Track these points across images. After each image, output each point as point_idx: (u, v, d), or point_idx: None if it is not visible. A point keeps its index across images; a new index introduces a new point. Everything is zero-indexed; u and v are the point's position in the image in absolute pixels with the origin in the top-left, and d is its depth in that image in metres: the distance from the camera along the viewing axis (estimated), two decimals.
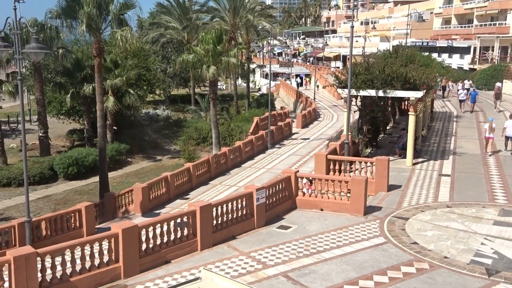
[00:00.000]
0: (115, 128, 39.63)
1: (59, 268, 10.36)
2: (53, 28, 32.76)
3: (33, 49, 14.42)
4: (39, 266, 10.00)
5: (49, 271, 10.26)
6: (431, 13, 69.05)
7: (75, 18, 24.99)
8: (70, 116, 43.44)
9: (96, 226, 19.16)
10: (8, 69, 36.66)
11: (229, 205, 13.81)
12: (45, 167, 32.40)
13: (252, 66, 72.12)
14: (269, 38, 49.01)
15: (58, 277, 10.32)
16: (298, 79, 69.23)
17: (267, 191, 14.80)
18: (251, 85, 69.39)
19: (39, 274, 10.02)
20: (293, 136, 35.17)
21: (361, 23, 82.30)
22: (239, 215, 13.98)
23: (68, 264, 10.52)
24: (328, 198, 15.56)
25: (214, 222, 13.22)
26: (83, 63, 38.49)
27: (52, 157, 34.54)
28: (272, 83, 71.92)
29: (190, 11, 56.81)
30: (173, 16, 58.22)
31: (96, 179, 29.09)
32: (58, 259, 10.47)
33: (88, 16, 24.20)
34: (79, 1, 24.74)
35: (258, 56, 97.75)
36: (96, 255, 10.95)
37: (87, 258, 10.78)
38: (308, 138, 33.90)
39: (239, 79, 73.51)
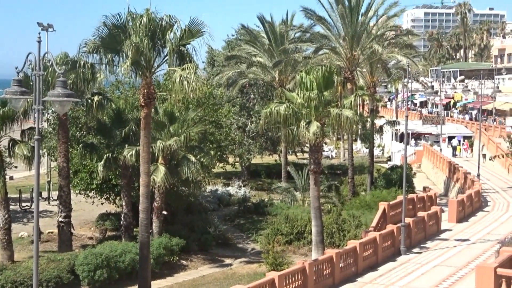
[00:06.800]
0: (165, 213, 41.05)
1: None
2: (88, 66, 35.50)
3: (58, 96, 15.85)
4: None
5: None
6: None
7: (118, 51, 27.18)
8: (103, 194, 45.85)
9: None
10: (25, 124, 39.16)
11: None
12: (64, 269, 34.03)
13: (379, 122, 72.28)
14: (406, 80, 49.15)
15: None
16: (454, 142, 68.00)
17: None
18: (376, 151, 69.48)
19: None
20: (443, 235, 34.60)
21: None
22: None
23: None
24: None
25: None
26: (126, 116, 40.95)
27: (74, 254, 36.29)
28: (411, 149, 70.97)
29: (286, 40, 58.72)
30: (259, 46, 60.24)
31: None
32: None
33: (136, 49, 26.19)
34: (125, 28, 27.01)
35: (389, 107, 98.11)
36: None
37: None
38: (467, 239, 33.20)
39: (358, 141, 73.84)
